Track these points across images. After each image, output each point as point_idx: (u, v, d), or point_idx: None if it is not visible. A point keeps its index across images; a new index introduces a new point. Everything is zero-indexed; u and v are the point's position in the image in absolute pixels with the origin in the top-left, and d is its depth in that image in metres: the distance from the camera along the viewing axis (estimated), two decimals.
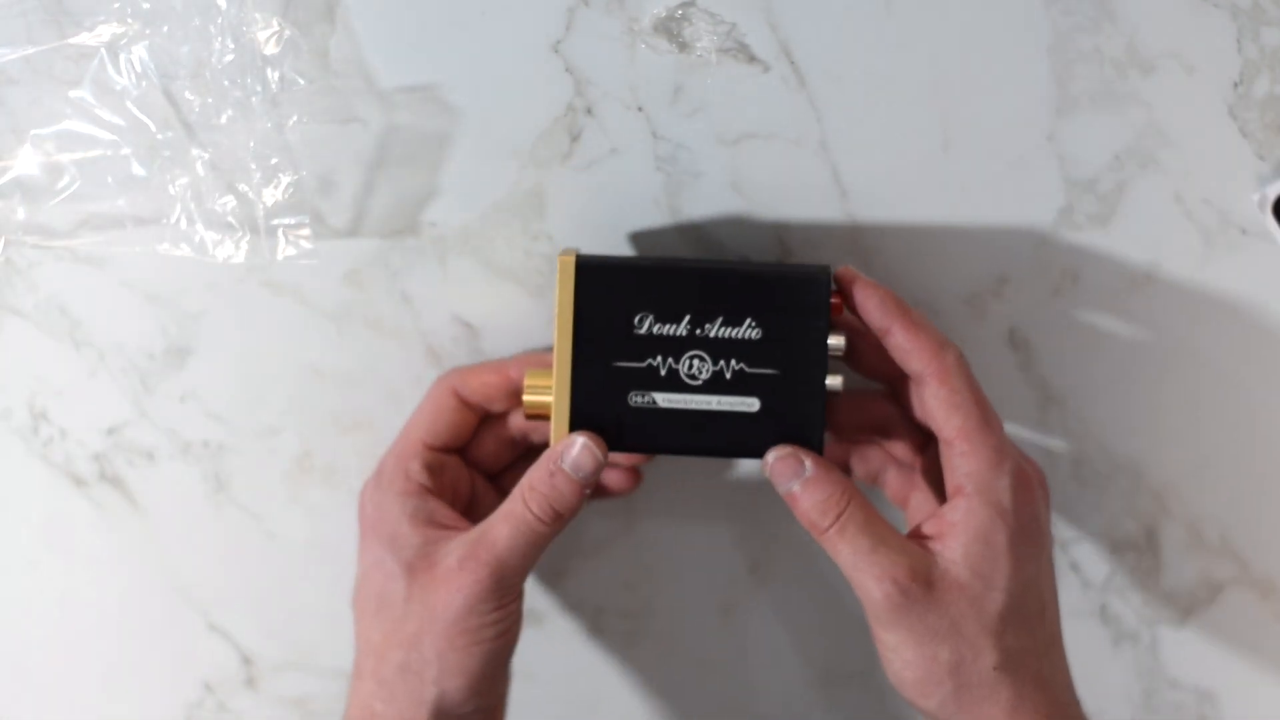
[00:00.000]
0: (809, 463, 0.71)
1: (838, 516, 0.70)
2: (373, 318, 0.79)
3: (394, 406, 0.80)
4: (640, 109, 0.76)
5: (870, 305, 0.71)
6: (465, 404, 0.76)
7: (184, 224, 0.76)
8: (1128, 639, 0.84)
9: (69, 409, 0.81)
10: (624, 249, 0.78)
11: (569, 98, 0.75)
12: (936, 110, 0.75)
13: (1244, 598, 0.83)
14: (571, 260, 0.70)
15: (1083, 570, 0.83)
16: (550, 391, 0.72)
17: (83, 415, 0.81)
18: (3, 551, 0.83)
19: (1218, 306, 0.78)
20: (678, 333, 0.71)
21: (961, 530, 0.70)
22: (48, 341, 0.80)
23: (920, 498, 0.76)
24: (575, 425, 0.72)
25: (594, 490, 0.74)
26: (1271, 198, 0.76)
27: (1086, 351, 0.79)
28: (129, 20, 0.74)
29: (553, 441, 0.72)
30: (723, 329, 0.71)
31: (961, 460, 0.70)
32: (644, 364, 0.71)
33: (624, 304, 0.70)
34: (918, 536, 0.71)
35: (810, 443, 0.71)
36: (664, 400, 0.71)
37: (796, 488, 0.71)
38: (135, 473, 0.82)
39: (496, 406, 0.77)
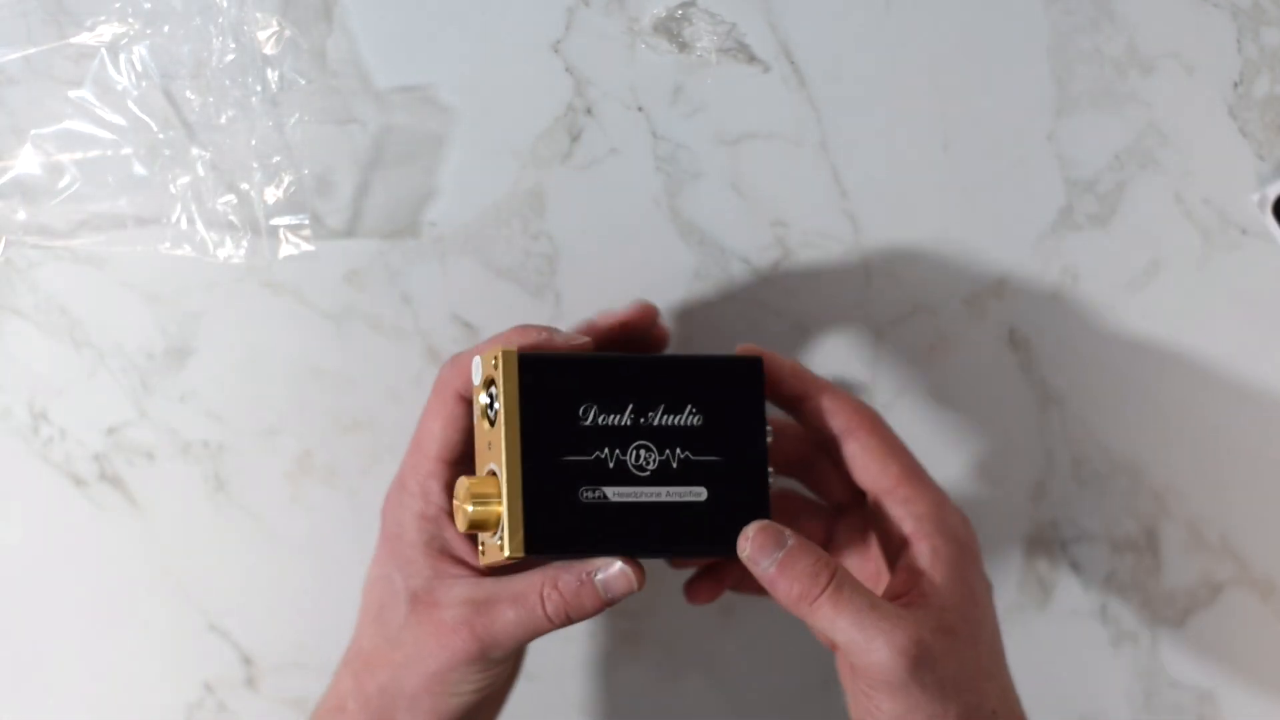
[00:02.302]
0: (787, 532, 0.69)
1: (829, 580, 0.67)
2: (373, 318, 0.79)
3: (394, 406, 0.80)
4: (640, 109, 0.76)
5: (785, 375, 0.72)
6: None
7: (184, 224, 0.76)
8: (1128, 639, 0.84)
9: (69, 409, 0.81)
10: (624, 249, 0.78)
11: (569, 98, 0.75)
12: (936, 110, 0.75)
13: (1244, 598, 0.83)
14: (514, 355, 0.70)
15: (1083, 570, 0.83)
16: (495, 501, 0.71)
17: (82, 415, 0.81)
18: (3, 551, 0.83)
19: (1217, 306, 0.78)
20: (622, 422, 0.71)
21: (938, 573, 0.69)
22: (48, 341, 0.80)
23: (849, 559, 0.75)
24: (529, 523, 0.71)
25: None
26: (1271, 198, 0.76)
27: (1086, 351, 0.79)
28: (129, 20, 0.74)
29: (506, 545, 0.70)
30: (665, 417, 0.72)
31: (908, 505, 0.70)
32: (592, 456, 0.72)
33: (568, 396, 0.71)
34: (893, 594, 0.70)
35: None
36: (614, 494, 0.72)
37: (780, 557, 0.68)
38: (135, 472, 0.82)
39: None
